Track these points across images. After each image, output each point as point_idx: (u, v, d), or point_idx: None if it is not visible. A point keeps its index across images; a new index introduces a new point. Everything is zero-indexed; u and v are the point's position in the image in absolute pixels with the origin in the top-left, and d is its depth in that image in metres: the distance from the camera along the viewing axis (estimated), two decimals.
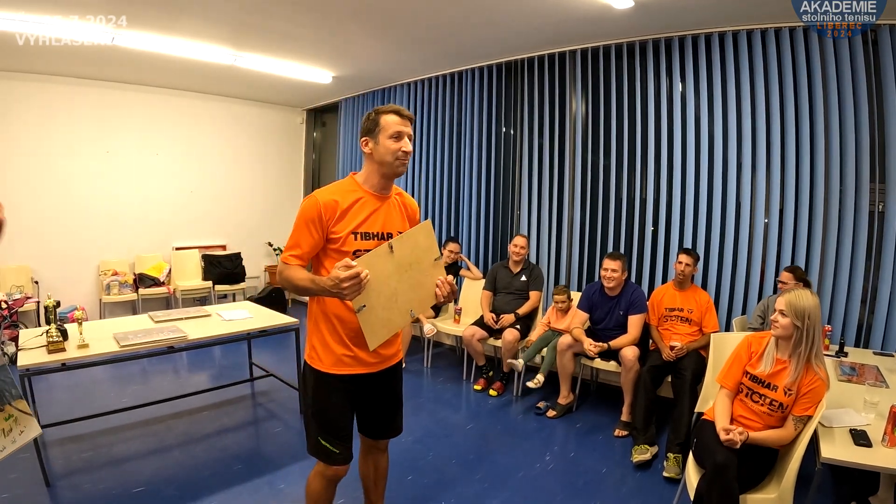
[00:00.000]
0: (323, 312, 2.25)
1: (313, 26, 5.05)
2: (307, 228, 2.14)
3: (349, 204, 2.19)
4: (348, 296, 1.92)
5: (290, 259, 2.15)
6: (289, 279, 2.13)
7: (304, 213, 2.14)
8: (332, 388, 2.28)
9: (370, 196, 2.25)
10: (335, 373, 2.26)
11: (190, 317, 4.36)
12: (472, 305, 5.90)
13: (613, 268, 4.51)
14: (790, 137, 4.39)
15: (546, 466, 3.77)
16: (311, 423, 2.34)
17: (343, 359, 2.25)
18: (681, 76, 4.92)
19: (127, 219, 7.47)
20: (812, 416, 2.54)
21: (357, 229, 2.19)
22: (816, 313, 2.61)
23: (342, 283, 1.88)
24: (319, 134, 9.74)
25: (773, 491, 2.56)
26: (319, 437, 2.29)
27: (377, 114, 2.21)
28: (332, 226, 2.15)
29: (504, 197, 6.38)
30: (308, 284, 2.06)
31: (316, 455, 2.34)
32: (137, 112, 7.43)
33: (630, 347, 4.31)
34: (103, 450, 3.78)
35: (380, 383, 2.41)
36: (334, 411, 2.30)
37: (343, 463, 2.34)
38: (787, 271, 4.04)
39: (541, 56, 5.76)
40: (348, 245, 2.16)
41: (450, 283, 2.30)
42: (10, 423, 1.13)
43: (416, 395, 5.10)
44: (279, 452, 3.87)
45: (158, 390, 4.90)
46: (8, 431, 1.12)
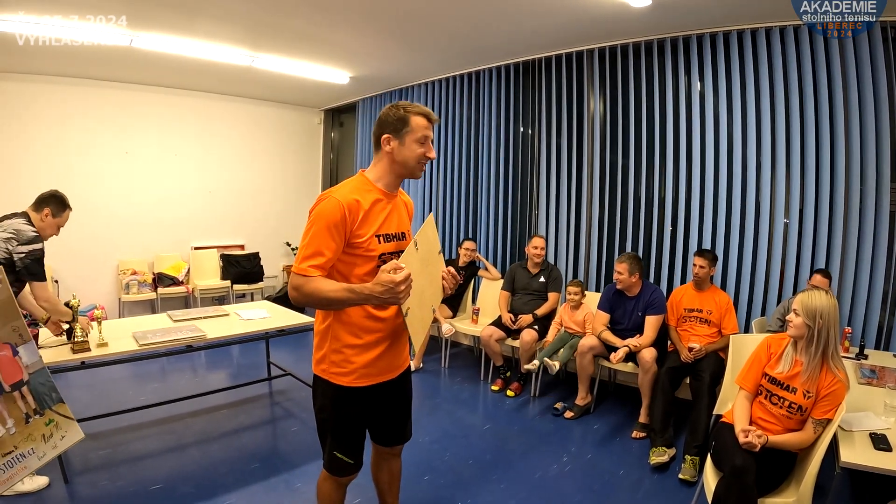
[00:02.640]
0: (345, 324, 2.10)
1: (330, 27, 5.06)
2: (329, 234, 1.93)
3: (370, 204, 2.05)
4: (403, 299, 1.81)
5: (310, 270, 1.92)
6: (315, 292, 1.90)
7: (326, 217, 1.93)
8: (353, 401, 2.17)
9: (384, 195, 2.13)
10: (358, 385, 2.14)
11: (209, 316, 4.39)
12: (490, 306, 5.90)
13: (619, 270, 4.52)
14: (810, 137, 4.33)
15: (563, 468, 3.76)
16: (327, 437, 2.23)
17: (366, 371, 2.14)
18: (699, 75, 4.87)
19: (146, 218, 7.55)
20: (832, 419, 2.51)
21: (379, 231, 2.07)
22: (831, 314, 2.58)
23: (398, 286, 1.77)
24: (337, 134, 9.77)
25: (791, 495, 2.53)
26: (336, 452, 2.21)
27: (406, 111, 2.06)
28: (356, 229, 1.99)
29: (522, 197, 6.36)
30: (345, 294, 1.87)
31: (330, 469, 2.26)
32: (156, 113, 7.51)
33: (648, 349, 4.28)
34: (121, 447, 3.82)
35: (394, 390, 2.33)
36: (354, 426, 2.24)
37: (356, 471, 2.29)
38: (822, 276, 3.99)
39: (558, 55, 5.73)
40: (375, 249, 2.04)
41: (453, 273, 2.24)
42: (52, 429, 1.12)
43: (434, 396, 5.10)
44: (296, 451, 3.89)
45: (177, 389, 4.95)
46: (49, 437, 1.11)
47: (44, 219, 3.40)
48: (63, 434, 1.14)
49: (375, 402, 2.27)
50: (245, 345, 6.21)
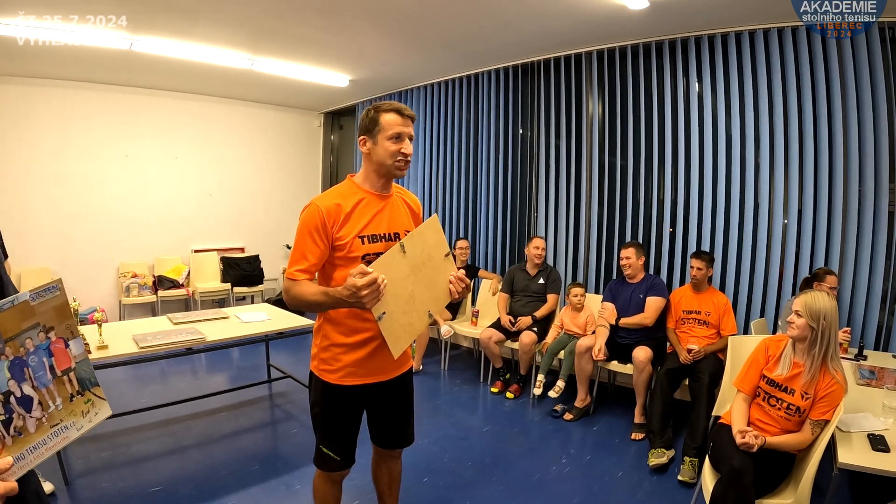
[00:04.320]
0: (332, 323, 2.18)
1: (330, 30, 5.08)
2: (311, 238, 2.03)
3: (352, 206, 2.10)
4: (367, 304, 1.81)
5: (296, 274, 2.04)
6: (298, 296, 2.03)
7: (307, 223, 2.04)
8: (340, 399, 2.23)
9: (372, 196, 2.16)
10: (344, 384, 2.20)
11: (208, 318, 4.40)
12: (489, 308, 5.90)
13: (627, 255, 4.67)
14: (808, 137, 4.34)
15: (562, 470, 3.76)
16: (317, 432, 2.31)
17: (353, 370, 2.19)
18: (697, 76, 4.88)
19: (146, 221, 7.56)
20: (829, 420, 2.51)
21: (363, 232, 2.10)
22: (832, 315, 2.59)
23: (360, 290, 1.77)
24: (337, 137, 9.78)
25: (789, 496, 2.54)
26: (321, 446, 2.28)
27: (376, 111, 2.10)
28: (336, 231, 2.05)
29: (521, 198, 6.37)
30: (321, 298, 1.96)
31: (317, 463, 2.33)
32: (156, 116, 7.53)
33: (643, 349, 4.29)
34: (122, 449, 3.82)
35: (391, 392, 2.35)
36: (340, 422, 2.27)
37: (345, 468, 2.32)
38: (832, 276, 3.98)
39: (557, 58, 5.75)
40: (356, 250, 2.07)
41: (462, 278, 2.20)
42: (88, 406, 1.30)
43: (433, 398, 5.11)
44: (296, 453, 3.90)
45: (177, 391, 4.96)
46: (86, 413, 1.30)
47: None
48: (97, 411, 1.33)
49: (368, 402, 2.33)
50: (245, 347, 6.21)
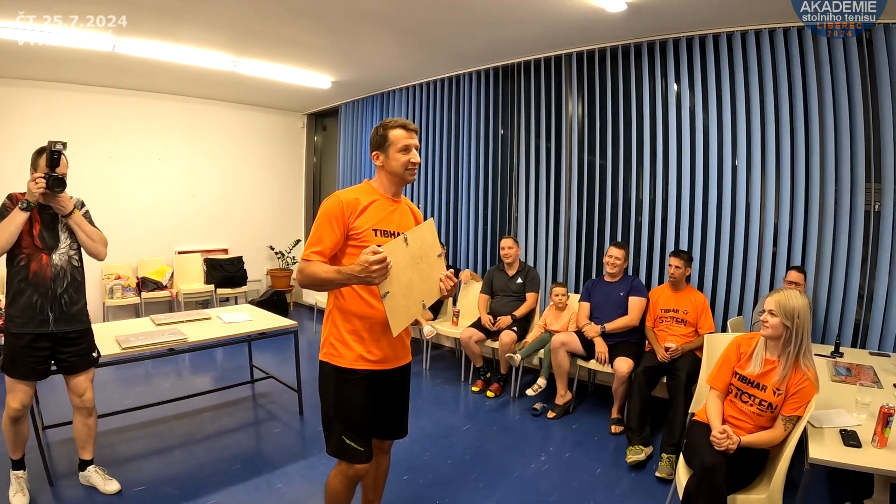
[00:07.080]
0: (341, 311, 2.34)
1: (313, 32, 5.10)
2: (329, 225, 2.23)
3: (368, 203, 2.33)
4: (376, 279, 2.00)
5: (311, 256, 2.21)
6: (312, 274, 2.19)
7: (328, 210, 2.25)
8: (354, 384, 2.33)
9: (385, 199, 2.40)
10: (357, 368, 2.32)
11: (191, 319, 4.41)
12: (470, 308, 5.94)
13: (617, 255, 4.74)
14: (785, 137, 4.40)
15: (541, 467, 3.80)
16: (333, 422, 2.35)
17: (364, 355, 2.33)
18: (675, 77, 4.94)
19: (130, 223, 7.49)
20: (801, 416, 2.56)
21: (376, 226, 2.32)
22: (806, 313, 2.63)
23: (371, 266, 1.96)
24: (320, 138, 9.79)
25: (762, 491, 2.58)
26: (343, 437, 2.32)
27: (385, 129, 2.35)
28: (353, 221, 2.26)
29: (502, 199, 6.42)
30: (334, 275, 2.11)
31: (339, 455, 2.35)
32: (139, 117, 7.49)
33: (624, 360, 4.32)
34: (106, 450, 3.81)
35: (393, 382, 2.48)
36: (358, 408, 2.34)
37: (367, 461, 2.37)
38: (797, 271, 4.08)
39: (537, 59, 5.80)
40: (368, 240, 2.24)
41: (451, 277, 2.41)
42: None
43: (415, 397, 5.10)
44: (278, 453, 3.92)
45: (161, 392, 4.95)
46: None
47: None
48: None
49: (375, 390, 2.40)
50: (228, 348, 6.21)
